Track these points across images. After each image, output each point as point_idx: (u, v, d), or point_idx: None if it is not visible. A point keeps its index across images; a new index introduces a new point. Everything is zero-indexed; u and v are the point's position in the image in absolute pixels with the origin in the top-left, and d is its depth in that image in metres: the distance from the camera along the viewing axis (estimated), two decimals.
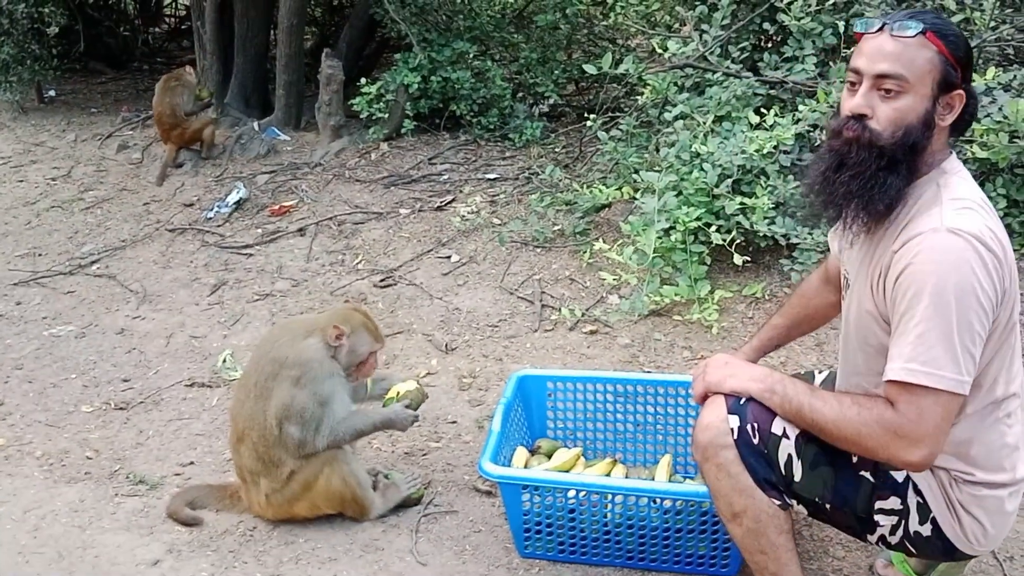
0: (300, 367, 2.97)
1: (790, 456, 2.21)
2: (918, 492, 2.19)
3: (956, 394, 1.95)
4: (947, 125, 2.10)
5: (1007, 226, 4.48)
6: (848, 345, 2.33)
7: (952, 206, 2.02)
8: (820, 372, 2.80)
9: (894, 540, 2.25)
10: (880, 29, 2.08)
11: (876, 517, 2.23)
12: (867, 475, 2.21)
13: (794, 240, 4.38)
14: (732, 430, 2.21)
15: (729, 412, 2.24)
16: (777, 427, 2.21)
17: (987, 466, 2.14)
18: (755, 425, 2.21)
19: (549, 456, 3.26)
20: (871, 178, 2.08)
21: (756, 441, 2.21)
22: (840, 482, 2.22)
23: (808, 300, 2.77)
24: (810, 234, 4.33)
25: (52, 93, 9.55)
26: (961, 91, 2.07)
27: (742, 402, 2.23)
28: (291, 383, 2.96)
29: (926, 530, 2.19)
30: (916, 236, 2.00)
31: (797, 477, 2.23)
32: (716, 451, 2.24)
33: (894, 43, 2.05)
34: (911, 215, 2.08)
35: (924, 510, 2.18)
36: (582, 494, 2.81)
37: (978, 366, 2.00)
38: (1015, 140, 4.11)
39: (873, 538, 2.28)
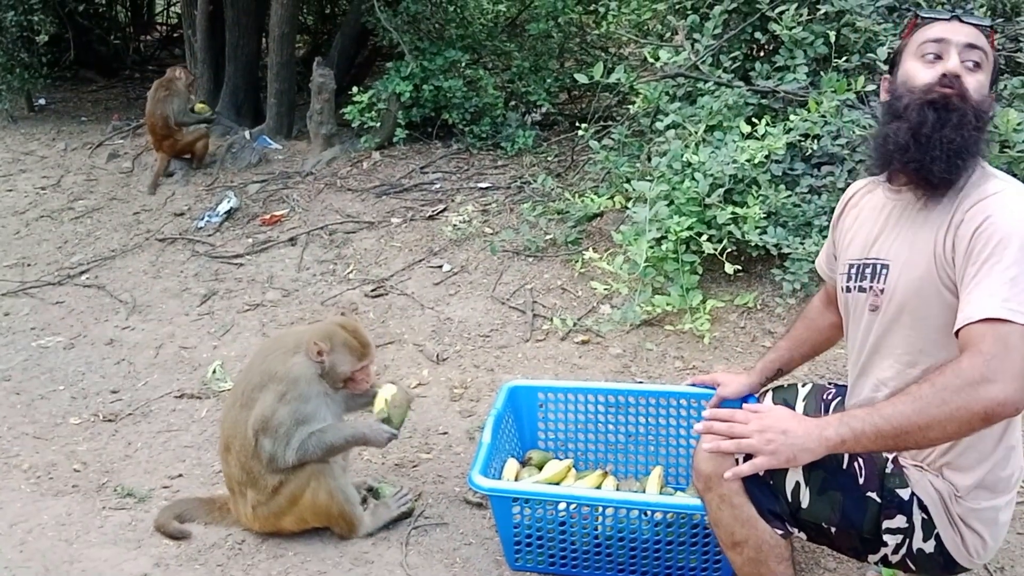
0: (288, 383, 2.94)
1: (798, 483, 2.17)
2: (923, 508, 2.17)
3: None
4: None
5: None
6: (871, 326, 2.29)
7: (1009, 179, 2.11)
8: (804, 385, 2.78)
9: (896, 559, 2.22)
10: (949, 20, 2.17)
11: (884, 537, 2.19)
12: (874, 495, 2.18)
13: (785, 250, 4.38)
14: (736, 461, 2.15)
15: None
16: None
17: (999, 475, 2.16)
18: None
19: (540, 467, 3.24)
20: (972, 132, 2.09)
21: (762, 473, 2.16)
22: (848, 504, 2.18)
23: (812, 322, 2.76)
24: (801, 243, 4.32)
25: (42, 102, 9.54)
26: (993, 96, 2.16)
27: None
28: (275, 397, 2.93)
29: (929, 547, 2.17)
30: (990, 195, 2.04)
31: (805, 503, 2.18)
32: (720, 481, 2.18)
33: (969, 28, 2.14)
34: (964, 186, 2.11)
35: (928, 526, 2.17)
36: (572, 507, 2.79)
37: None
38: (1005, 150, 4.11)
39: (875, 558, 2.24)
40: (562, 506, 2.80)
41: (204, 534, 3.17)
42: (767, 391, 2.85)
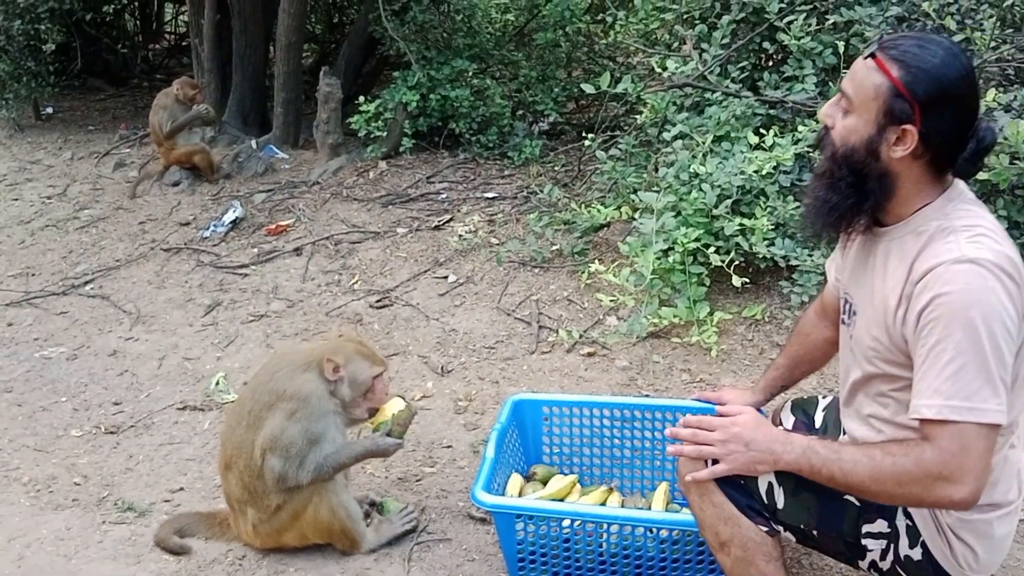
0: (298, 401, 2.91)
1: (771, 484, 2.19)
2: (907, 514, 2.15)
3: (998, 425, 1.91)
4: (904, 158, 2.01)
5: None
6: (851, 364, 2.28)
7: (966, 235, 1.97)
8: (824, 397, 2.76)
9: (885, 565, 2.19)
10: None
11: (864, 541, 2.18)
12: (852, 499, 2.17)
13: (794, 262, 4.34)
14: (707, 462, 2.19)
15: None
16: None
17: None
18: None
19: (544, 483, 3.20)
20: (847, 186, 2.08)
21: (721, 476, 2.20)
22: (824, 507, 2.18)
23: (806, 337, 2.73)
24: (810, 255, 4.29)
25: (49, 110, 9.55)
26: (911, 128, 1.97)
27: None
28: (285, 416, 2.89)
29: (916, 554, 2.14)
30: (937, 267, 1.95)
31: (780, 505, 2.19)
32: (698, 480, 2.22)
33: (858, 63, 2.06)
34: (922, 244, 2.02)
35: (914, 533, 2.14)
36: (577, 523, 2.75)
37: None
38: (1016, 161, 4.07)
39: (864, 564, 2.23)
40: (566, 523, 2.77)
41: (205, 549, 3.14)
42: (787, 402, 2.84)
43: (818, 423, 2.67)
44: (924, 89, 1.95)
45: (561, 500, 3.07)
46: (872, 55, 2.01)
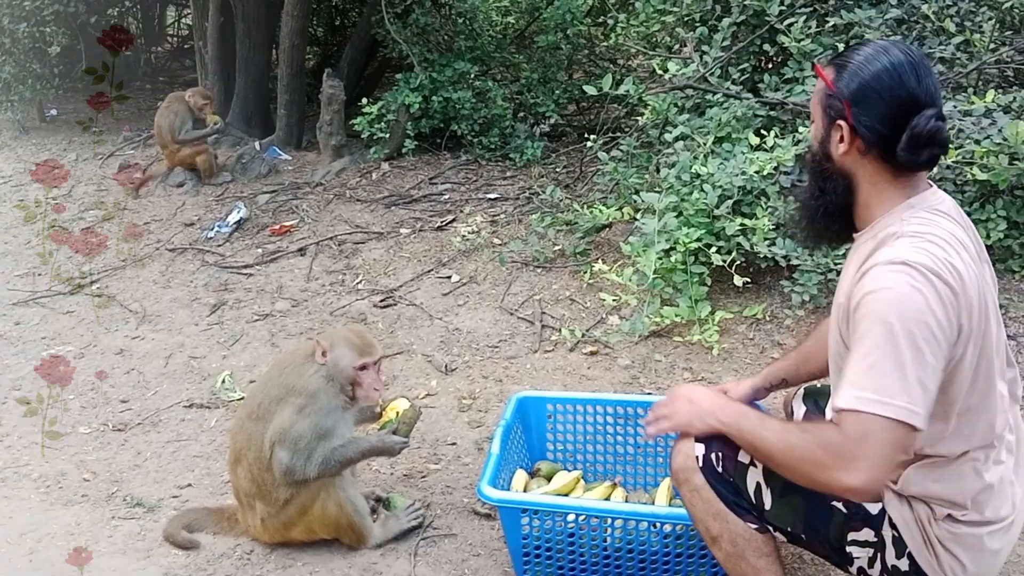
0: (307, 396, 2.95)
1: (759, 484, 2.21)
2: (893, 526, 2.15)
3: (907, 424, 1.88)
4: (851, 154, 2.11)
5: (1007, 247, 4.48)
6: (834, 366, 2.32)
7: (911, 239, 2.00)
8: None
9: (873, 573, 2.20)
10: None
11: (849, 549, 2.19)
12: (839, 505, 2.18)
13: (795, 261, 4.37)
14: (697, 458, 2.23)
15: (696, 440, 2.26)
16: (744, 456, 2.22)
17: (965, 505, 2.09)
18: (719, 454, 2.23)
19: (548, 479, 3.24)
20: (814, 189, 2.26)
21: (720, 470, 2.23)
22: (811, 511, 2.19)
23: (823, 335, 2.68)
24: (810, 255, 4.32)
25: (54, 112, 9.60)
26: (843, 123, 2.09)
27: None
28: (295, 410, 2.94)
29: (903, 564, 2.15)
30: (873, 267, 1.99)
31: (767, 505, 2.22)
32: (688, 476, 2.26)
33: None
34: (875, 247, 2.06)
35: (900, 544, 2.14)
36: (581, 518, 2.79)
37: (950, 403, 1.98)
38: (1015, 162, 4.10)
39: (852, 569, 2.24)
40: (571, 518, 2.80)
41: (213, 544, 3.18)
42: (799, 390, 2.84)
43: (828, 415, 2.68)
44: (847, 84, 2.09)
45: (566, 495, 3.10)
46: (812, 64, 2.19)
